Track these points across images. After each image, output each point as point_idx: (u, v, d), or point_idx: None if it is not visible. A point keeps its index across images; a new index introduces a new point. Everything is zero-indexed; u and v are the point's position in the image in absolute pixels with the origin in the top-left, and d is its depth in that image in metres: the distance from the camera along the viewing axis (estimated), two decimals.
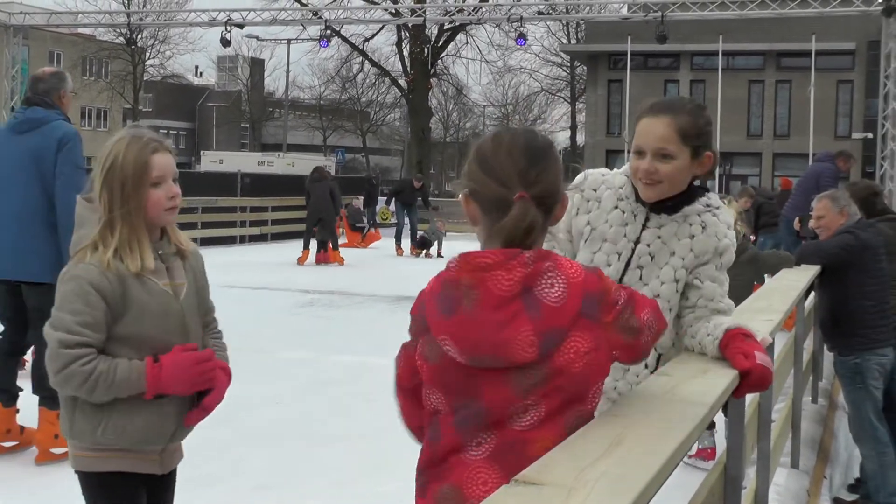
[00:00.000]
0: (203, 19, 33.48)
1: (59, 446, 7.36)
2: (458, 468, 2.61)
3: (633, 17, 33.59)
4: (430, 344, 2.63)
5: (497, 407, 2.57)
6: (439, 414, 2.68)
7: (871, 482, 7.66)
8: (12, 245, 7.26)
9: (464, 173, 2.69)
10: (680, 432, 2.56)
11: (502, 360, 2.51)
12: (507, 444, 2.54)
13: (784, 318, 5.53)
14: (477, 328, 2.50)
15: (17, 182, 7.26)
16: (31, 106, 7.41)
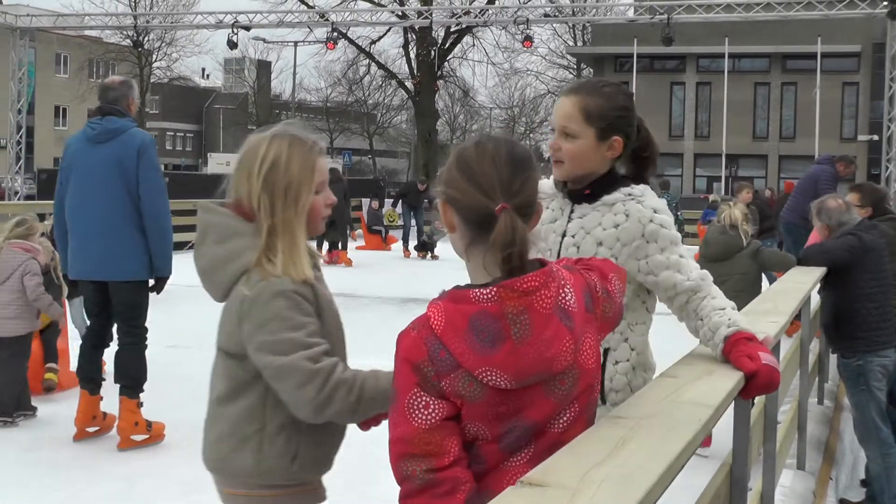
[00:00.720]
0: (210, 21, 33.49)
1: (139, 433, 8.08)
2: (500, 478, 2.56)
3: (639, 20, 33.57)
4: (465, 380, 2.50)
5: (543, 420, 2.57)
6: (479, 440, 2.58)
7: (875, 483, 7.66)
8: (101, 248, 7.83)
9: (443, 179, 2.63)
10: (685, 434, 2.56)
11: (546, 374, 2.52)
12: (546, 448, 2.51)
13: (790, 320, 5.53)
14: (530, 352, 2.47)
15: (102, 190, 7.81)
16: (105, 115, 7.98)
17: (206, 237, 3.32)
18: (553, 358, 2.50)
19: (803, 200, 13.96)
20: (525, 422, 2.55)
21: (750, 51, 54.03)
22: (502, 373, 2.47)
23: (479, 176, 2.55)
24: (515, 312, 2.46)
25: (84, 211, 7.92)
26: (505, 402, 2.52)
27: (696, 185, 57.36)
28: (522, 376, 2.48)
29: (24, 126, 33.81)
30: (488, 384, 2.48)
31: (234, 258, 3.24)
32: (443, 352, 2.50)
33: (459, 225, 2.61)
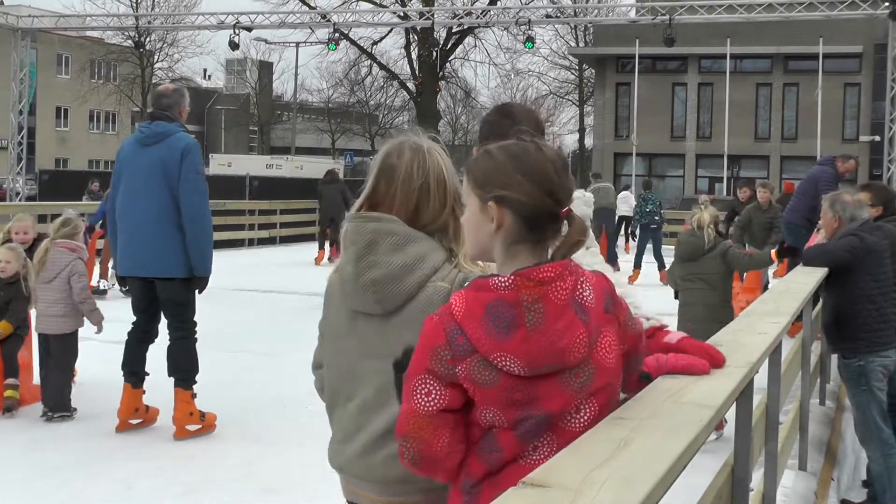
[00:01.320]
0: (211, 22, 33.49)
1: (193, 423, 8.41)
2: (518, 474, 2.49)
3: (641, 20, 33.58)
4: (480, 365, 2.59)
5: (557, 410, 2.62)
6: (495, 428, 2.66)
7: (877, 484, 7.66)
8: (147, 246, 8.20)
9: (497, 182, 2.67)
10: (687, 435, 2.56)
11: (559, 364, 2.59)
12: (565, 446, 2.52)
13: (791, 321, 5.53)
14: (542, 340, 2.56)
15: (148, 190, 8.19)
16: (156, 120, 8.42)
17: (377, 246, 3.29)
18: (565, 349, 2.58)
19: (804, 201, 13.97)
20: (540, 411, 2.61)
21: (752, 51, 54.00)
22: (516, 359, 2.55)
23: (543, 177, 2.65)
24: (530, 300, 2.56)
25: (131, 210, 8.30)
26: (519, 390, 2.59)
27: (698, 185, 57.33)
28: (535, 364, 2.56)
29: (25, 127, 33.82)
30: (503, 369, 2.56)
31: (425, 257, 3.28)
32: (461, 337, 2.59)
33: (512, 225, 2.66)
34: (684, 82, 58.44)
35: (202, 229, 8.37)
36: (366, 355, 3.34)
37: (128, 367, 8.59)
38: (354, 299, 3.35)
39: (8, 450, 8.06)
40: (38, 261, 9.16)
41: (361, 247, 3.31)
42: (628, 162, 54.06)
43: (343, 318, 3.44)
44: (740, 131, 53.02)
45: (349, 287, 3.36)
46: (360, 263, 3.30)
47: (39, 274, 9.13)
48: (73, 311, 9.22)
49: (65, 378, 9.14)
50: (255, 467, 7.68)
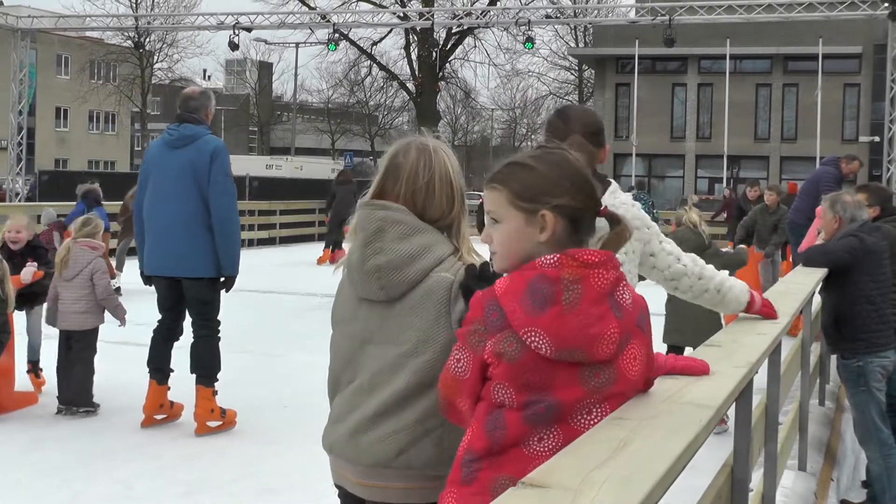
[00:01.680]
0: (211, 23, 33.48)
1: (214, 419, 8.59)
2: (519, 460, 2.67)
3: (641, 21, 33.60)
4: (508, 341, 2.66)
5: (568, 402, 2.66)
6: (504, 407, 2.72)
7: (876, 484, 7.67)
8: (176, 246, 8.38)
9: (552, 192, 2.75)
10: (686, 435, 2.56)
11: (586, 354, 2.64)
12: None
13: (791, 321, 5.53)
14: (574, 321, 2.62)
15: (177, 191, 8.37)
16: (183, 123, 8.55)
17: (384, 234, 3.39)
18: (596, 336, 2.63)
19: (807, 201, 13.97)
20: (551, 399, 2.66)
21: (751, 52, 54.01)
22: (545, 335, 2.61)
23: (586, 183, 2.80)
24: (571, 280, 2.63)
25: (160, 211, 8.48)
26: (539, 371, 2.64)
27: (698, 186, 57.33)
28: (563, 344, 2.61)
29: (24, 127, 33.82)
30: (530, 345, 2.62)
31: (435, 248, 3.39)
32: (495, 312, 2.67)
33: (561, 230, 2.75)
34: (684, 83, 58.45)
35: (231, 230, 8.63)
36: (367, 341, 3.46)
37: (153, 364, 8.80)
38: (360, 285, 3.45)
39: (8, 450, 8.06)
40: (61, 260, 9.39)
41: (369, 233, 3.41)
42: (628, 162, 54.04)
43: (350, 305, 3.54)
44: (740, 132, 52.99)
45: (355, 273, 3.46)
46: (367, 249, 3.39)
47: (62, 272, 9.35)
48: (95, 307, 9.44)
49: (87, 373, 9.32)
50: (255, 467, 7.69)
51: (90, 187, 18.79)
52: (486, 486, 2.73)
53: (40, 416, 9.03)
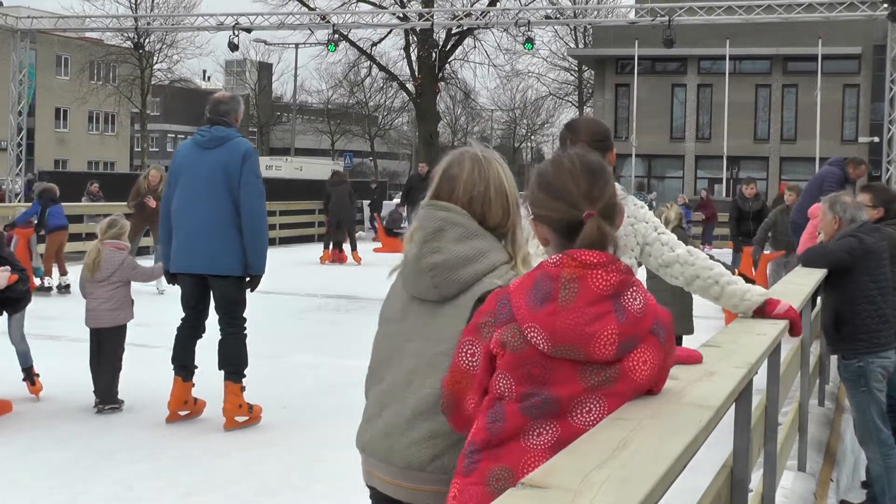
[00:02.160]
0: (210, 23, 33.47)
1: (241, 415, 8.82)
2: (516, 452, 2.79)
3: (641, 22, 33.59)
4: (512, 331, 2.80)
5: (565, 398, 2.76)
6: (504, 399, 2.84)
7: (876, 484, 7.67)
8: (206, 245, 8.59)
9: (529, 201, 2.95)
10: (686, 435, 2.57)
11: (583, 352, 2.73)
12: (568, 439, 2.63)
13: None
14: (569, 318, 2.72)
15: (208, 190, 8.60)
16: (214, 125, 8.79)
17: (443, 234, 3.44)
18: (591, 336, 2.71)
19: (810, 200, 13.96)
20: (548, 393, 2.77)
21: (751, 53, 54.03)
22: (542, 331, 2.74)
23: (563, 191, 2.86)
24: (569, 278, 2.74)
25: (190, 210, 8.69)
26: (539, 365, 2.77)
27: (698, 186, 57.32)
28: (558, 340, 2.72)
29: (24, 128, 33.81)
30: (531, 341, 2.76)
31: (490, 254, 3.44)
32: (506, 306, 2.84)
33: (553, 238, 2.90)
34: (683, 83, 58.46)
35: (261, 230, 8.87)
36: (409, 339, 3.50)
37: (178, 360, 8.99)
38: (413, 283, 3.51)
39: (7, 451, 8.06)
40: (91, 261, 9.60)
41: (429, 232, 3.46)
42: (628, 163, 54.03)
43: (400, 304, 3.59)
44: (739, 132, 52.99)
45: (409, 269, 3.51)
46: (425, 247, 3.45)
47: (93, 274, 9.56)
48: (126, 304, 9.70)
49: (114, 370, 9.49)
50: (255, 468, 7.69)
51: (46, 186, 19.05)
52: (483, 476, 2.83)
53: (40, 416, 9.03)
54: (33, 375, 9.91)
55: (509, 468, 2.78)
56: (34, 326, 13.78)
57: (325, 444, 8.24)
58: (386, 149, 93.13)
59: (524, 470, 2.71)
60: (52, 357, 10.96)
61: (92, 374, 9.56)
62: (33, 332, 9.80)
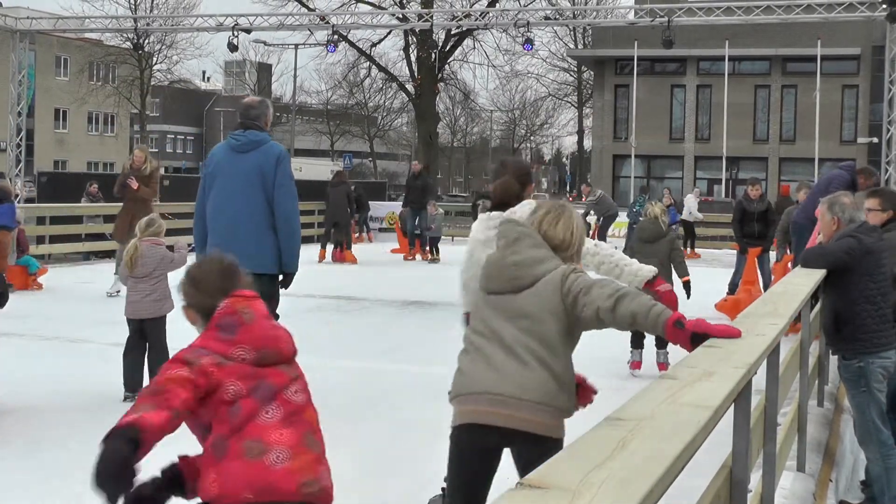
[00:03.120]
0: (210, 24, 33.44)
1: None
2: (257, 428, 3.93)
3: (640, 22, 33.55)
4: (222, 357, 4.00)
5: (279, 385, 4.06)
6: (240, 398, 3.95)
7: (876, 485, 7.67)
8: (243, 244, 8.68)
9: (181, 292, 4.40)
10: (685, 436, 2.57)
11: (277, 354, 4.14)
12: (290, 413, 4.02)
13: (790, 322, 5.53)
14: (258, 329, 4.16)
15: (244, 191, 8.94)
16: (248, 129, 9.12)
17: (521, 242, 4.77)
18: (277, 338, 4.20)
19: (816, 203, 13.97)
20: (268, 382, 4.03)
21: (750, 53, 54.07)
22: (250, 347, 4.06)
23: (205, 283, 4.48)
24: (242, 309, 4.18)
25: (226, 210, 9.00)
26: (251, 370, 4.02)
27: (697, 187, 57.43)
28: (260, 350, 4.07)
29: (23, 129, 33.77)
30: (240, 357, 4.02)
31: (546, 260, 4.71)
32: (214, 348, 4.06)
33: (198, 318, 4.35)
34: (683, 84, 58.51)
35: (295, 229, 9.20)
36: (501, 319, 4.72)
37: None
38: (495, 278, 4.81)
39: (7, 451, 8.06)
40: (129, 258, 10.07)
41: (510, 239, 4.82)
42: (627, 164, 54.08)
43: (480, 296, 4.90)
44: (739, 133, 53.03)
45: (492, 267, 4.83)
46: (507, 250, 4.79)
47: (134, 270, 10.05)
48: (168, 295, 10.09)
49: (163, 358, 9.40)
50: None
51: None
52: (237, 451, 3.88)
53: (40, 417, 9.03)
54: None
55: (260, 439, 3.88)
56: (30, 328, 13.75)
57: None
58: (385, 149, 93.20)
59: (269, 436, 3.88)
60: (54, 358, 10.97)
61: (125, 364, 9.85)
62: (31, 334, 9.79)
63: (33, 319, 14.27)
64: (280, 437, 3.89)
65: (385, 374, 11.00)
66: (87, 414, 9.21)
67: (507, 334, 4.61)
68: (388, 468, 7.69)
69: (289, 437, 3.91)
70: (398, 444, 8.44)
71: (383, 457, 7.96)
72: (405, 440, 8.52)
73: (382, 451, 8.13)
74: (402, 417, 9.31)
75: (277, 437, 3.88)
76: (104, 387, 10.00)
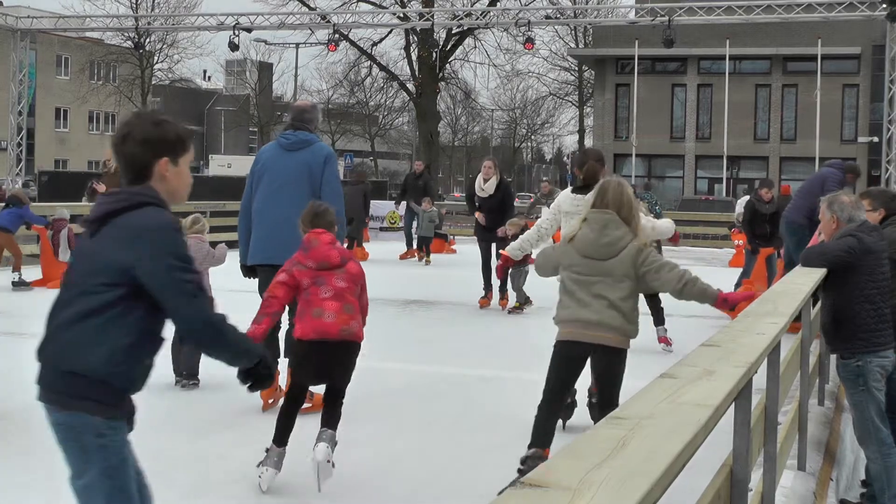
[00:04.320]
0: (211, 23, 33.50)
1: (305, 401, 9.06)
2: (318, 301, 7.10)
3: (641, 22, 33.62)
4: (300, 264, 7.18)
5: (329, 279, 7.15)
6: (308, 287, 7.13)
7: (875, 483, 7.68)
8: (287, 237, 8.93)
9: None
10: (685, 435, 2.57)
11: (329, 263, 7.16)
12: (336, 292, 7.13)
13: (790, 321, 5.54)
14: (321, 252, 7.22)
15: (292, 187, 9.50)
16: (298, 130, 9.76)
17: (608, 225, 6.84)
18: (330, 255, 7.22)
19: (809, 200, 13.93)
20: (323, 277, 7.12)
21: (751, 53, 54.09)
22: (311, 260, 7.16)
23: None
24: (312, 238, 7.26)
25: (275, 205, 9.54)
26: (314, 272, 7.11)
27: (698, 186, 57.43)
28: (318, 259, 7.18)
29: (24, 128, 33.84)
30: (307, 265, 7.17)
31: (626, 237, 6.82)
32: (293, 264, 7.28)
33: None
34: (683, 83, 58.51)
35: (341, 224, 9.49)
36: (593, 276, 6.89)
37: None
38: (592, 250, 6.85)
39: (6, 452, 8.06)
40: None
41: (601, 224, 6.86)
42: (628, 163, 54.08)
43: (576, 259, 6.92)
44: (739, 132, 53.06)
45: (588, 242, 6.87)
46: (600, 233, 6.84)
47: None
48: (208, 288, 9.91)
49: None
50: (253, 469, 7.68)
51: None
52: (308, 313, 7.16)
53: (39, 419, 9.02)
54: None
55: (319, 306, 7.09)
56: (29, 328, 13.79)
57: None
58: (386, 148, 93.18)
59: (324, 305, 7.11)
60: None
61: (173, 353, 10.14)
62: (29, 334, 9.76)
63: (33, 320, 14.26)
64: (330, 306, 7.10)
65: (385, 374, 10.99)
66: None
67: (595, 284, 6.84)
68: (389, 468, 7.69)
69: (334, 306, 7.11)
70: (398, 444, 8.44)
71: (383, 457, 7.96)
72: (405, 440, 8.53)
73: (382, 450, 8.13)
74: (403, 417, 9.31)
75: (328, 306, 7.10)
76: None
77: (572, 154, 76.39)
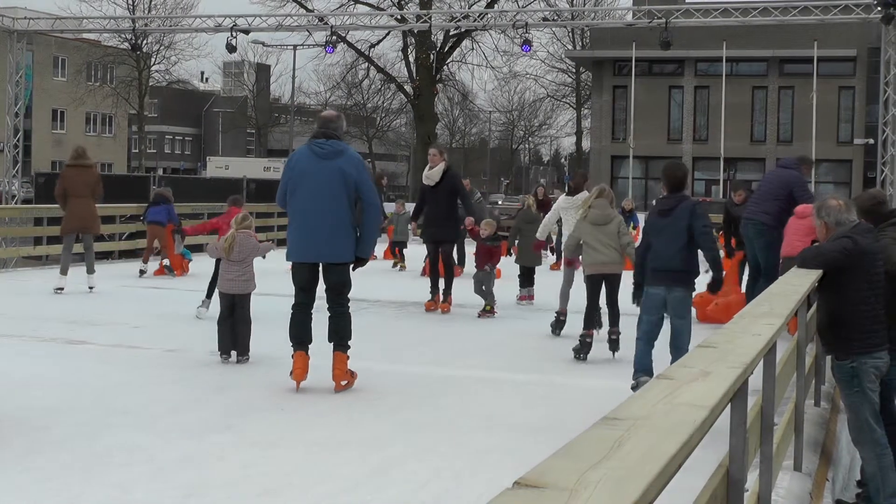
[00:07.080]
0: (208, 25, 33.47)
1: (346, 378, 10.41)
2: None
3: (638, 24, 33.59)
4: None
5: None
6: None
7: (871, 484, 7.69)
8: (326, 237, 10.37)
9: None
10: (681, 435, 2.58)
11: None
12: None
13: (786, 322, 5.55)
14: None
15: (329, 192, 10.32)
16: (330, 139, 10.52)
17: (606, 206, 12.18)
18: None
19: (777, 204, 13.81)
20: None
21: (747, 55, 54.09)
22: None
23: None
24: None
25: (314, 209, 10.33)
26: None
27: (695, 188, 57.42)
28: None
29: (21, 129, 33.79)
30: None
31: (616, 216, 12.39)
32: None
33: None
34: (681, 85, 58.56)
35: (379, 221, 11.30)
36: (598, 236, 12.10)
37: (298, 338, 10.57)
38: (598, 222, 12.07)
39: (5, 453, 8.05)
40: (227, 245, 11.96)
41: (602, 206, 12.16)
42: (625, 164, 54.14)
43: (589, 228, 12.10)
44: (736, 134, 53.11)
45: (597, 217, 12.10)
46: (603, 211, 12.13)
47: (230, 254, 11.93)
48: (252, 277, 12.25)
49: (248, 328, 11.93)
50: (253, 469, 7.68)
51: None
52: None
53: (38, 419, 9.03)
54: None
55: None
56: (29, 329, 13.77)
57: (322, 445, 8.26)
58: (384, 150, 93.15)
59: None
60: (52, 359, 10.97)
61: (219, 330, 11.82)
62: (29, 335, 9.79)
63: (32, 320, 14.27)
64: None
65: (384, 375, 11.00)
66: (86, 415, 9.21)
67: (603, 239, 11.94)
68: (388, 468, 7.69)
69: None
70: (396, 442, 8.44)
71: (383, 457, 7.96)
72: (405, 440, 8.53)
73: (382, 450, 8.13)
74: (402, 417, 9.31)
75: None
76: (102, 388, 10.00)
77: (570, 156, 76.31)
